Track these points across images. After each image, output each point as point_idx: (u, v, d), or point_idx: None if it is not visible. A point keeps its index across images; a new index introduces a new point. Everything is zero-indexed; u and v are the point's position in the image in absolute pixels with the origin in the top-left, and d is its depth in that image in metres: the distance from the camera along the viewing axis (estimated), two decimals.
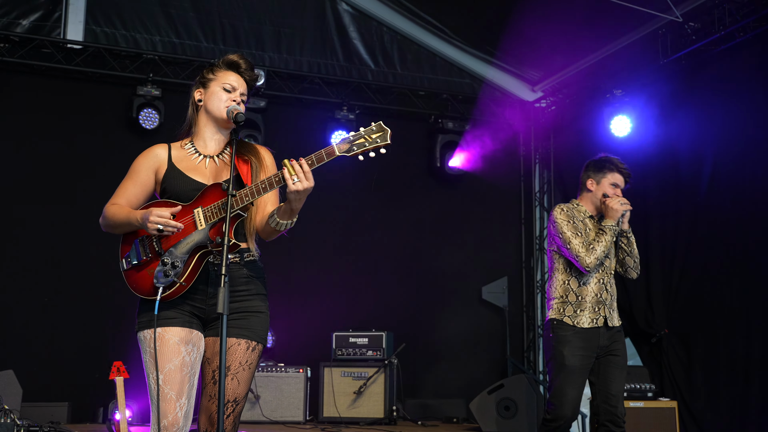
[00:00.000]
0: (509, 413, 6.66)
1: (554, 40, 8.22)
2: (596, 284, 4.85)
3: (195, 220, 3.11)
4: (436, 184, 8.85)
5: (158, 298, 3.05)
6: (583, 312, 4.80)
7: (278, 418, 7.02)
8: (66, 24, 7.60)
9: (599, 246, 4.76)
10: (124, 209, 3.20)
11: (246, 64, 3.38)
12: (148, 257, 3.14)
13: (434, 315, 8.53)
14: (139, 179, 3.28)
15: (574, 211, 4.98)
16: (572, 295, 4.83)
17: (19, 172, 7.35)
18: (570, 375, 4.75)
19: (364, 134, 3.11)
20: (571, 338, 4.77)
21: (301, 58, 8.41)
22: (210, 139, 3.33)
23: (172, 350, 3.08)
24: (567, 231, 4.84)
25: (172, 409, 3.05)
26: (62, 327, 7.20)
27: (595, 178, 5.05)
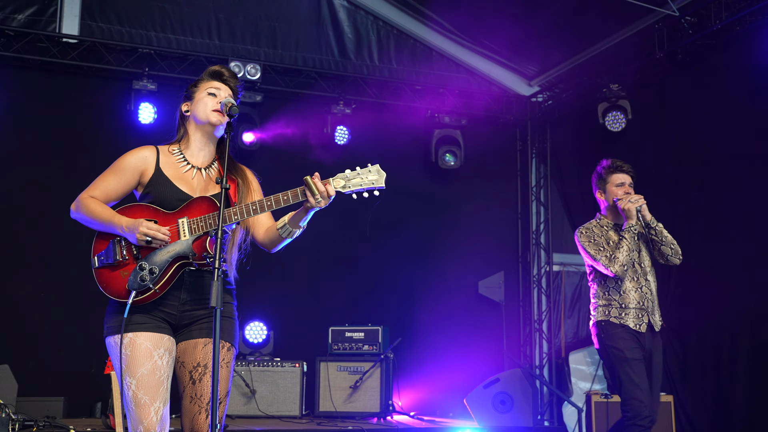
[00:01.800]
0: (505, 407, 6.67)
1: (551, 35, 8.23)
2: (636, 292, 4.94)
3: (179, 230, 3.12)
4: (432, 179, 8.84)
5: (129, 301, 3.04)
6: (627, 315, 4.90)
7: (274, 412, 7.02)
8: (61, 18, 7.60)
9: (620, 253, 4.85)
10: (107, 210, 3.19)
11: (228, 72, 3.41)
12: (124, 259, 3.13)
13: (430, 309, 8.53)
14: (123, 177, 3.27)
15: (594, 228, 5.10)
16: (615, 303, 4.94)
17: (15, 166, 7.35)
18: (635, 367, 4.79)
19: (360, 174, 3.20)
20: (623, 334, 4.85)
21: (297, 53, 8.40)
22: (199, 151, 3.35)
23: (143, 355, 3.07)
24: (591, 250, 4.98)
25: (147, 414, 3.03)
26: (58, 322, 7.20)
27: (600, 188, 5.19)
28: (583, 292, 9.21)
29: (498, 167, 9.12)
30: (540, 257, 9.12)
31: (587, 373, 8.51)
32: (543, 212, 9.21)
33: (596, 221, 5.17)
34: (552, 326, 8.97)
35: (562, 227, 9.15)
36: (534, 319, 9.00)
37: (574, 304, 9.12)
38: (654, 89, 7.62)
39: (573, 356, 8.69)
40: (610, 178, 5.14)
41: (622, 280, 4.92)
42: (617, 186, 5.10)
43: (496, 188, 9.15)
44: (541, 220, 9.19)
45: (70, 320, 7.23)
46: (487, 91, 9.01)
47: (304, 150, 8.24)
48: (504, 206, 9.23)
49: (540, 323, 8.99)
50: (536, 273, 9.09)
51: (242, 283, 7.51)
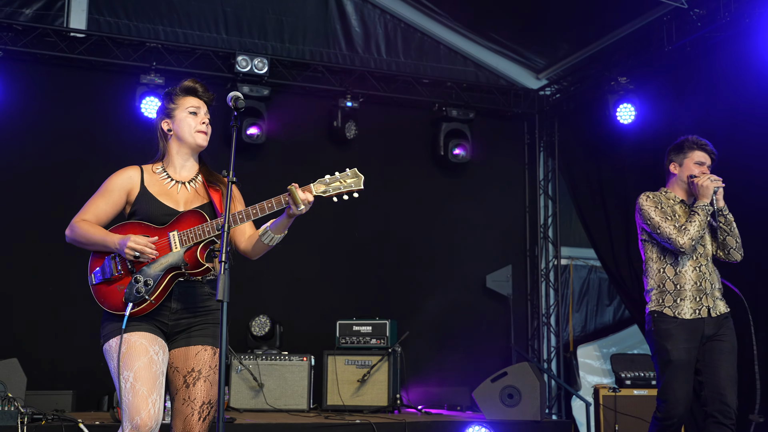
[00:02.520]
0: (513, 401, 6.65)
1: (559, 28, 8.20)
2: (694, 272, 4.65)
3: (170, 243, 3.28)
4: (440, 173, 8.82)
5: (127, 313, 3.19)
6: (683, 301, 4.62)
7: (282, 406, 7.03)
8: (69, 13, 7.61)
9: (692, 226, 4.57)
10: (99, 230, 3.35)
11: (202, 87, 3.54)
12: (119, 274, 3.29)
13: (438, 303, 8.51)
14: (111, 198, 3.43)
15: (662, 197, 4.81)
16: (669, 284, 4.67)
17: (23, 160, 7.36)
18: (677, 370, 4.57)
19: (339, 178, 3.32)
20: (674, 331, 4.59)
21: (304, 47, 8.39)
22: (182, 167, 3.51)
23: (139, 350, 3.21)
24: (655, 216, 4.68)
25: (145, 405, 3.12)
26: (66, 315, 7.21)
27: (676, 160, 4.88)
28: (591, 286, 9.20)
29: (506, 161, 9.10)
30: (548, 251, 9.11)
31: (595, 367, 8.51)
32: (551, 206, 9.19)
33: (662, 192, 4.87)
34: (560, 320, 8.96)
35: (570, 221, 9.13)
36: (542, 312, 8.99)
37: (582, 298, 9.11)
38: (663, 82, 7.58)
39: (581, 350, 8.70)
40: (693, 153, 4.81)
41: (683, 256, 4.64)
42: (697, 163, 4.79)
43: (504, 182, 9.13)
44: (549, 214, 9.18)
45: (78, 314, 7.21)
46: (494, 84, 8.99)
47: (311, 144, 8.23)
48: (512, 200, 9.20)
49: (548, 317, 8.98)
50: (544, 267, 9.08)
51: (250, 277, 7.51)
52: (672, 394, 4.55)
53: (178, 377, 3.30)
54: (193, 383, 3.27)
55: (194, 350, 3.31)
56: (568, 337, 8.93)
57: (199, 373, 3.28)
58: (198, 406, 3.25)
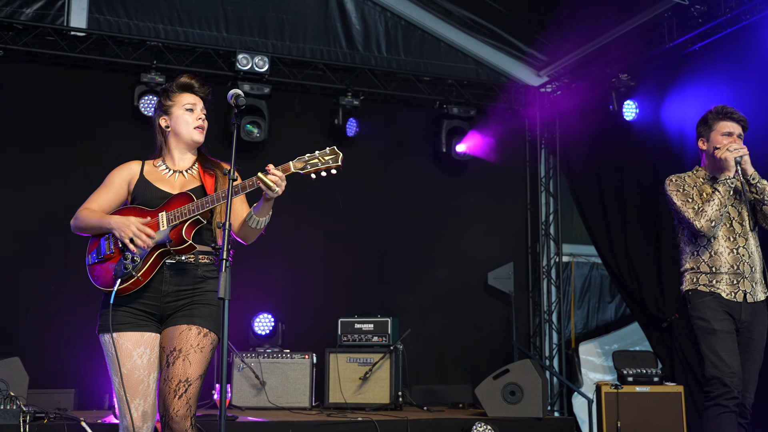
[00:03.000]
0: (515, 398, 6.64)
1: (560, 25, 8.18)
2: (730, 254, 4.38)
3: (159, 222, 3.40)
4: (441, 170, 8.81)
5: (114, 288, 3.32)
6: (719, 283, 4.36)
7: (284, 404, 7.03)
8: (69, 12, 7.61)
9: (710, 206, 4.31)
10: (97, 213, 3.49)
11: (198, 83, 3.67)
12: (111, 252, 3.41)
13: (440, 300, 8.52)
14: (113, 188, 3.58)
15: (687, 178, 4.54)
16: (704, 266, 4.41)
17: (23, 158, 7.36)
18: (723, 340, 4.27)
19: (318, 156, 3.42)
20: (711, 303, 4.33)
21: (304, 45, 8.38)
22: (180, 159, 3.64)
23: (124, 355, 3.37)
24: (677, 201, 4.47)
25: (127, 411, 3.33)
26: (68, 314, 7.21)
27: (704, 135, 4.58)
28: (593, 283, 9.19)
29: (507, 158, 9.09)
30: (549, 248, 9.10)
31: (597, 364, 8.50)
32: (552, 203, 9.18)
33: (692, 172, 4.61)
34: (562, 317, 8.95)
35: (572, 218, 9.13)
36: (544, 309, 8.98)
37: (583, 295, 9.10)
38: (664, 79, 7.57)
39: (583, 347, 8.69)
40: (717, 125, 4.51)
41: (713, 239, 4.39)
42: (723, 135, 4.48)
43: (505, 179, 9.12)
44: (550, 211, 9.17)
45: (80, 313, 7.22)
46: (495, 81, 8.98)
47: (312, 142, 8.17)
48: (513, 197, 9.20)
49: (550, 314, 8.97)
50: (546, 264, 9.07)
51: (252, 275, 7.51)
52: (723, 364, 4.22)
53: (162, 357, 3.40)
54: (173, 362, 3.32)
55: (179, 330, 3.38)
56: (570, 334, 8.92)
57: (179, 351, 3.33)
58: (174, 384, 3.28)
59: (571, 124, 8.85)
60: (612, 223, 8.05)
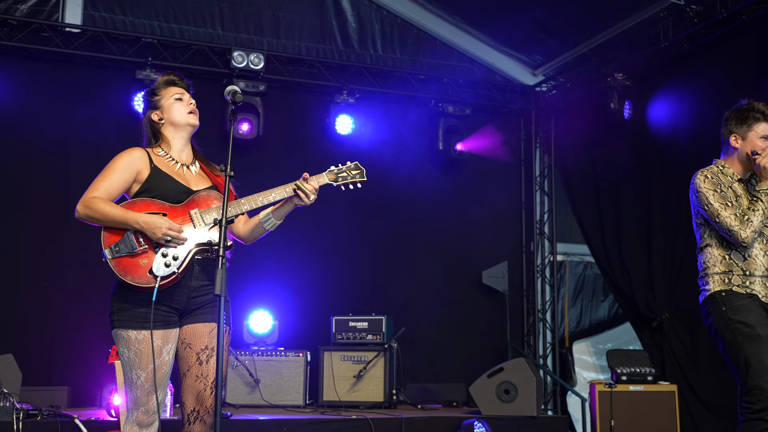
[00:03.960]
0: (509, 397, 6.64)
1: (555, 24, 8.19)
2: (765, 256, 4.10)
3: (193, 219, 3.39)
4: (436, 169, 8.81)
5: (156, 285, 3.26)
6: (753, 285, 4.05)
7: (278, 402, 7.01)
8: (64, 8, 7.58)
9: (755, 216, 4.03)
10: (117, 207, 3.38)
11: (178, 77, 3.71)
12: (143, 248, 3.32)
13: (434, 299, 8.52)
14: (122, 176, 3.47)
15: (720, 176, 4.20)
16: (738, 269, 4.08)
17: (18, 155, 7.33)
18: (764, 343, 3.91)
19: (345, 170, 3.66)
20: (751, 306, 4.00)
21: (300, 43, 8.36)
22: (181, 151, 3.63)
23: (155, 352, 3.31)
24: (714, 203, 4.09)
25: (150, 400, 3.33)
26: (62, 311, 7.19)
27: (739, 132, 4.23)
28: (587, 282, 9.20)
29: (502, 157, 9.08)
30: (544, 247, 9.10)
31: (590, 363, 8.51)
32: (547, 202, 9.19)
33: (719, 168, 4.25)
34: (556, 316, 8.96)
35: (566, 217, 9.13)
36: (538, 308, 8.98)
37: (577, 294, 9.11)
38: (659, 78, 7.57)
39: (577, 346, 8.70)
40: (757, 125, 4.18)
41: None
42: (762, 138, 4.16)
43: (500, 178, 9.12)
44: (544, 210, 9.17)
45: (73, 310, 7.22)
46: (491, 80, 8.97)
47: (307, 139, 8.22)
48: (508, 196, 9.20)
49: (544, 313, 8.98)
50: (540, 263, 9.07)
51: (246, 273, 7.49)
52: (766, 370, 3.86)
53: (191, 354, 3.39)
54: (206, 360, 3.37)
55: (209, 327, 3.40)
56: (564, 333, 8.93)
57: (213, 350, 3.38)
58: (210, 382, 3.36)
59: (566, 123, 8.86)
60: (606, 222, 8.06)
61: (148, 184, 3.44)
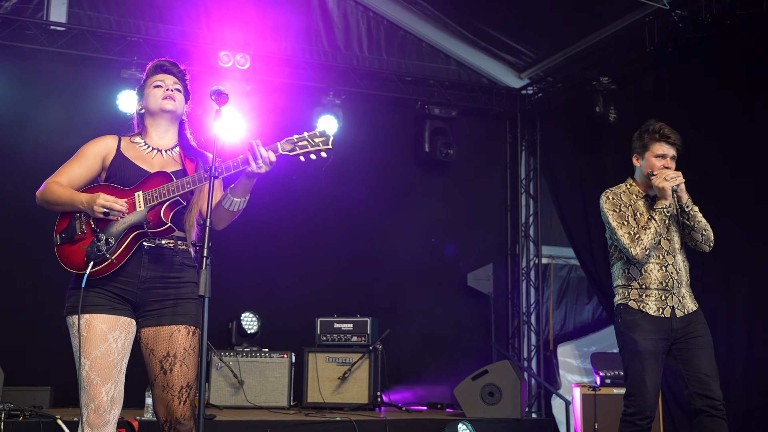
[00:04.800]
0: (493, 399, 6.65)
1: (541, 28, 8.21)
2: (660, 271, 4.45)
3: (135, 202, 3.26)
4: (422, 170, 8.82)
5: (87, 271, 3.17)
6: (648, 298, 4.42)
7: (262, 403, 7.00)
8: (49, 6, 7.53)
9: (646, 235, 4.36)
10: (67, 190, 3.34)
11: (168, 62, 3.58)
12: (83, 233, 3.27)
13: (419, 301, 8.52)
14: (86, 163, 3.45)
15: (623, 196, 4.57)
16: (635, 283, 4.46)
17: (1, 153, 7.27)
18: (646, 361, 4.35)
19: (307, 137, 3.30)
20: (640, 322, 4.39)
21: (286, 44, 8.35)
22: (161, 138, 3.52)
23: (98, 337, 3.21)
24: (613, 222, 4.47)
25: (98, 394, 3.19)
26: (45, 312, 7.13)
27: (638, 152, 4.60)
28: (571, 285, 9.22)
29: (487, 159, 9.11)
30: (529, 250, 9.12)
31: (575, 366, 8.53)
32: (532, 205, 9.21)
33: (626, 186, 4.63)
34: (540, 318, 8.98)
35: (551, 220, 9.15)
36: (522, 311, 9.00)
37: (561, 297, 9.13)
38: (644, 82, 7.60)
39: (561, 349, 8.72)
40: (653, 145, 4.52)
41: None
42: (657, 157, 4.49)
43: (486, 180, 9.14)
44: (530, 213, 9.19)
45: (57, 310, 7.14)
46: (477, 83, 8.99)
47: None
48: (493, 198, 9.22)
49: (528, 315, 8.99)
50: (525, 265, 9.09)
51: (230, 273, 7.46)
52: (643, 385, 4.34)
53: (154, 362, 3.28)
54: (170, 369, 3.25)
55: (168, 331, 3.28)
56: (548, 336, 8.94)
57: (175, 357, 3.26)
58: (177, 391, 3.24)
59: (552, 126, 8.89)
60: (591, 225, 8.07)
61: (110, 170, 3.40)
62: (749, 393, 6.33)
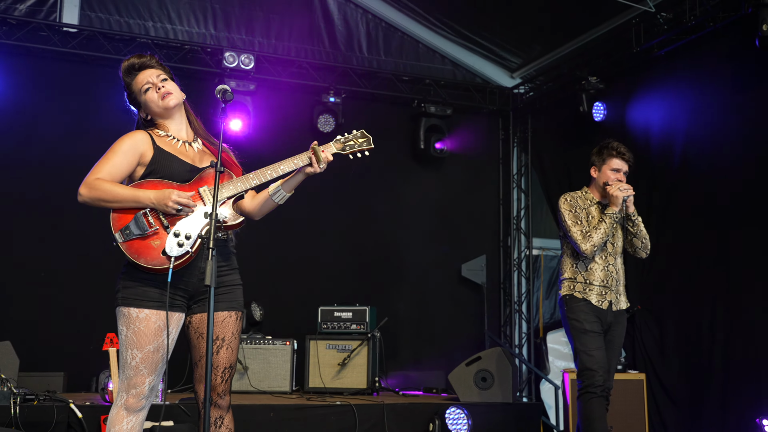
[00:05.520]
0: (486, 384, 6.65)
1: (532, 29, 8.20)
2: (602, 270, 4.94)
3: (203, 197, 3.22)
4: (418, 166, 8.81)
5: (171, 265, 3.10)
6: (591, 291, 4.92)
7: (266, 388, 7.00)
8: (62, 8, 7.51)
9: (596, 234, 4.85)
10: (126, 188, 3.21)
11: (137, 61, 3.46)
12: (154, 229, 3.16)
13: (416, 291, 8.52)
14: (125, 159, 3.27)
15: (579, 200, 5.07)
16: (580, 277, 4.95)
17: (16, 149, 7.26)
18: (592, 337, 4.83)
19: (351, 138, 3.44)
20: (584, 307, 4.88)
21: (289, 44, 8.33)
22: (180, 130, 3.45)
23: (154, 333, 3.17)
24: (568, 220, 4.97)
25: (142, 383, 3.18)
26: (58, 300, 7.15)
27: (597, 164, 5.08)
28: None
29: (481, 155, 9.10)
30: (520, 242, 9.12)
31: (564, 352, 8.52)
32: (523, 199, 9.20)
33: (582, 193, 5.14)
34: (531, 307, 8.98)
35: (542, 213, 9.15)
36: (514, 300, 9.00)
37: (551, 287, 9.13)
38: (631, 82, 7.59)
39: (550, 336, 8.71)
40: (610, 161, 5.02)
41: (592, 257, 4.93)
42: (613, 170, 5.01)
43: (479, 175, 9.13)
44: (521, 207, 9.18)
45: (69, 299, 7.17)
46: (471, 82, 8.97)
47: (295, 136, 8.17)
48: (486, 193, 9.21)
49: (520, 304, 8.99)
50: (517, 257, 9.09)
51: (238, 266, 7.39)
52: (591, 359, 4.79)
53: (202, 343, 3.29)
54: (217, 351, 3.29)
55: (221, 316, 3.30)
56: (539, 324, 8.95)
57: (223, 341, 3.30)
58: (221, 372, 3.30)
59: (543, 123, 8.88)
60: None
61: (153, 165, 3.26)
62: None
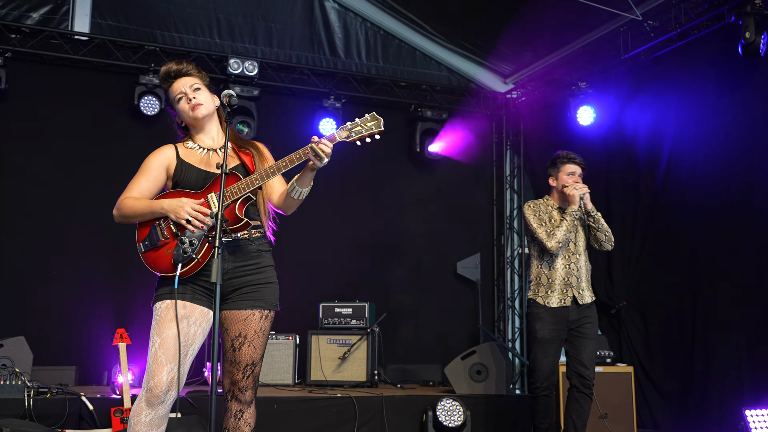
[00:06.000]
0: (480, 377, 6.69)
1: (524, 37, 8.22)
2: (563, 269, 5.17)
3: (210, 203, 3.23)
4: (415, 168, 8.85)
5: (177, 272, 3.15)
6: (553, 293, 5.15)
7: (269, 381, 7.03)
8: (73, 17, 7.54)
9: (559, 231, 5.08)
10: (143, 201, 3.29)
11: (174, 68, 3.45)
12: (165, 239, 3.23)
13: (413, 287, 8.55)
14: (151, 175, 3.36)
15: (541, 205, 5.32)
16: (544, 278, 5.20)
17: (30, 153, 7.30)
18: (541, 345, 5.14)
19: (359, 123, 3.32)
20: (543, 315, 5.16)
21: (291, 51, 8.36)
22: (210, 139, 3.47)
23: (171, 319, 3.16)
24: (533, 223, 5.21)
25: (160, 371, 3.12)
26: (70, 296, 7.18)
27: (553, 174, 5.35)
28: None
29: (475, 158, 9.13)
30: (513, 240, 9.16)
31: None
32: (516, 199, 9.24)
33: (544, 200, 5.39)
34: (524, 303, 9.01)
35: None
36: (507, 297, 9.04)
37: None
38: (620, 88, 7.63)
39: None
40: (563, 167, 5.30)
41: (555, 256, 5.15)
42: (568, 175, 5.27)
43: (474, 177, 9.16)
44: (514, 207, 9.22)
45: (82, 296, 7.21)
46: (466, 87, 9.01)
47: (297, 140, 8.18)
48: (480, 194, 9.25)
49: (513, 301, 9.03)
50: (510, 255, 9.12)
51: None
52: (538, 363, 5.14)
53: (227, 339, 3.34)
54: (239, 348, 3.32)
55: (243, 315, 3.33)
56: None
57: (245, 338, 3.32)
58: (242, 368, 3.33)
59: (535, 127, 8.92)
60: None
61: (177, 177, 3.35)
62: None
